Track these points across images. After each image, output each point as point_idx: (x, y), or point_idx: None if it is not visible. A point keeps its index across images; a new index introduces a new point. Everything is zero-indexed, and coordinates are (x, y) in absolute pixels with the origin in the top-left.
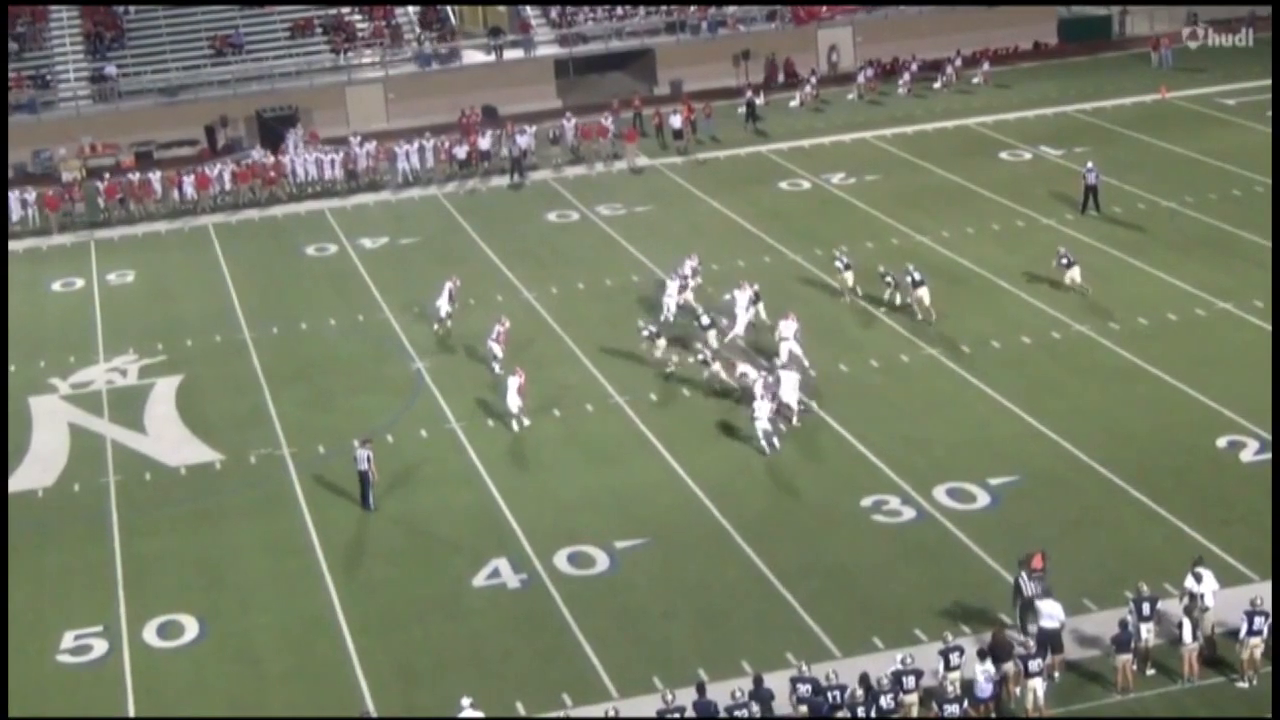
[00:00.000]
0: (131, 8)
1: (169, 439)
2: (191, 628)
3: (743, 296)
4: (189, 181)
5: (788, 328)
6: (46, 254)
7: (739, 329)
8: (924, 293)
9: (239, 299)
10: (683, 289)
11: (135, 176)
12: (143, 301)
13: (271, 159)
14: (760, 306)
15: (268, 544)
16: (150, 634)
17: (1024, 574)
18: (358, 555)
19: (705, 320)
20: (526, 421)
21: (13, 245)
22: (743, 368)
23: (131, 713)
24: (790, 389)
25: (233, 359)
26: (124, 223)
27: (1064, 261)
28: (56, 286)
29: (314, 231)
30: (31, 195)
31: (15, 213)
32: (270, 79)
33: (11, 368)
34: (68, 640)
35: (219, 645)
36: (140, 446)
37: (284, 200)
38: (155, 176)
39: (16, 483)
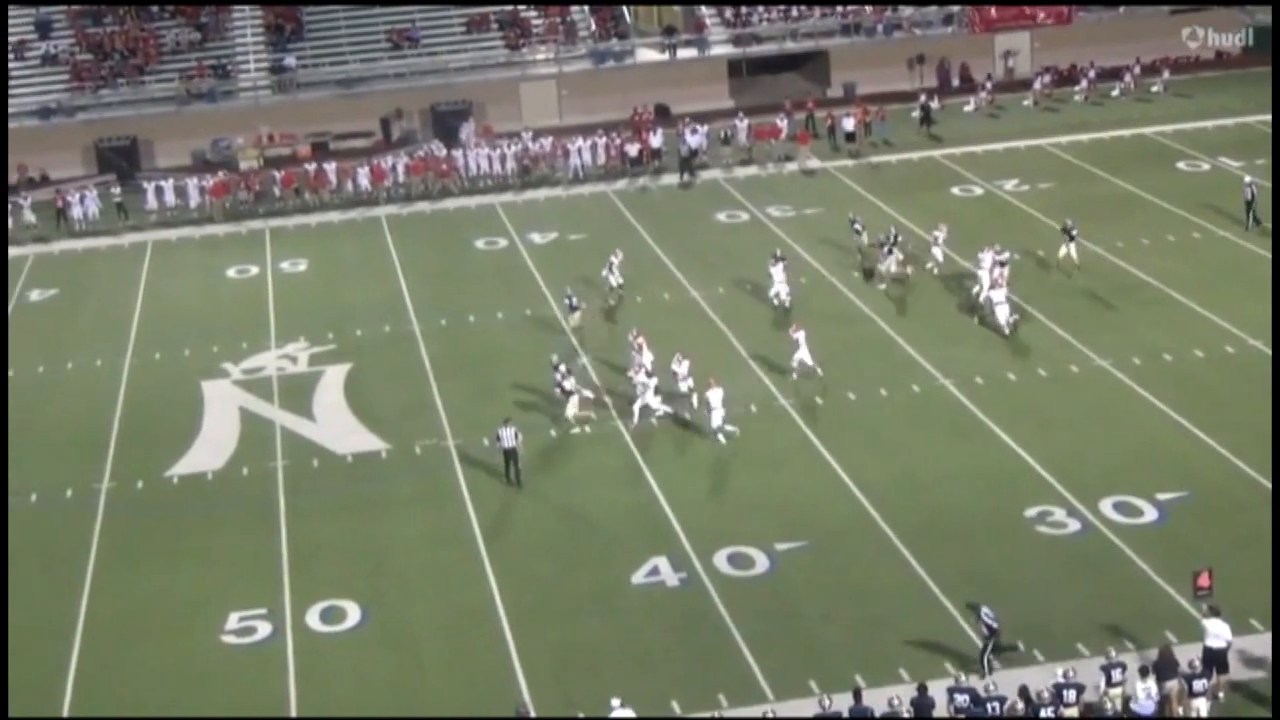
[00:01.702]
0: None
1: (337, 427)
2: (353, 614)
3: (987, 259)
4: (363, 173)
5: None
6: (223, 241)
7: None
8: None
9: (409, 290)
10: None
11: (311, 166)
12: (314, 290)
13: (444, 152)
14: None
15: (430, 534)
16: (313, 618)
17: (986, 610)
18: (518, 548)
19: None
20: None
21: (190, 231)
22: (642, 363)
23: (293, 696)
24: (803, 349)
25: (401, 349)
26: (299, 212)
27: (1072, 234)
28: (231, 273)
29: (484, 225)
30: (209, 183)
31: (193, 199)
32: (445, 73)
33: (185, 351)
34: (232, 621)
35: (379, 632)
36: (309, 433)
37: (456, 193)
38: (330, 167)
39: (187, 465)
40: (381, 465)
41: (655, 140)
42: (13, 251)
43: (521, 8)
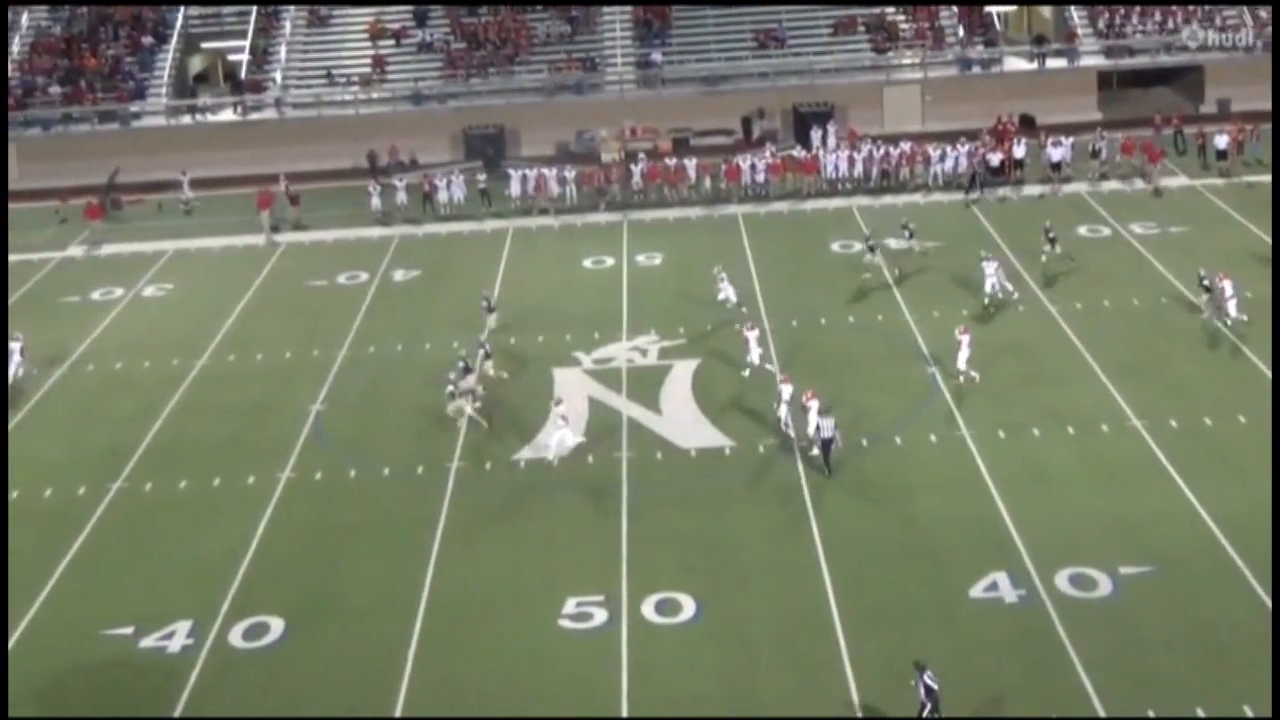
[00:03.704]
0: None
1: (682, 421)
2: (688, 607)
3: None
4: (723, 170)
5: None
6: (580, 231)
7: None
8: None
9: (761, 289)
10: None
11: (672, 162)
12: (667, 284)
13: (804, 153)
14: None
15: (769, 532)
16: (648, 608)
17: (929, 672)
18: (856, 552)
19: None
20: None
21: (549, 220)
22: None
23: (624, 685)
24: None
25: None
26: (657, 205)
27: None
28: (588, 263)
29: (840, 228)
30: (571, 173)
31: (554, 189)
32: (809, 74)
33: (539, 338)
34: (570, 606)
35: (713, 627)
36: (654, 425)
37: (814, 195)
38: (690, 163)
39: (535, 449)
40: (725, 462)
41: (1019, 150)
42: (380, 232)
43: (890, 11)
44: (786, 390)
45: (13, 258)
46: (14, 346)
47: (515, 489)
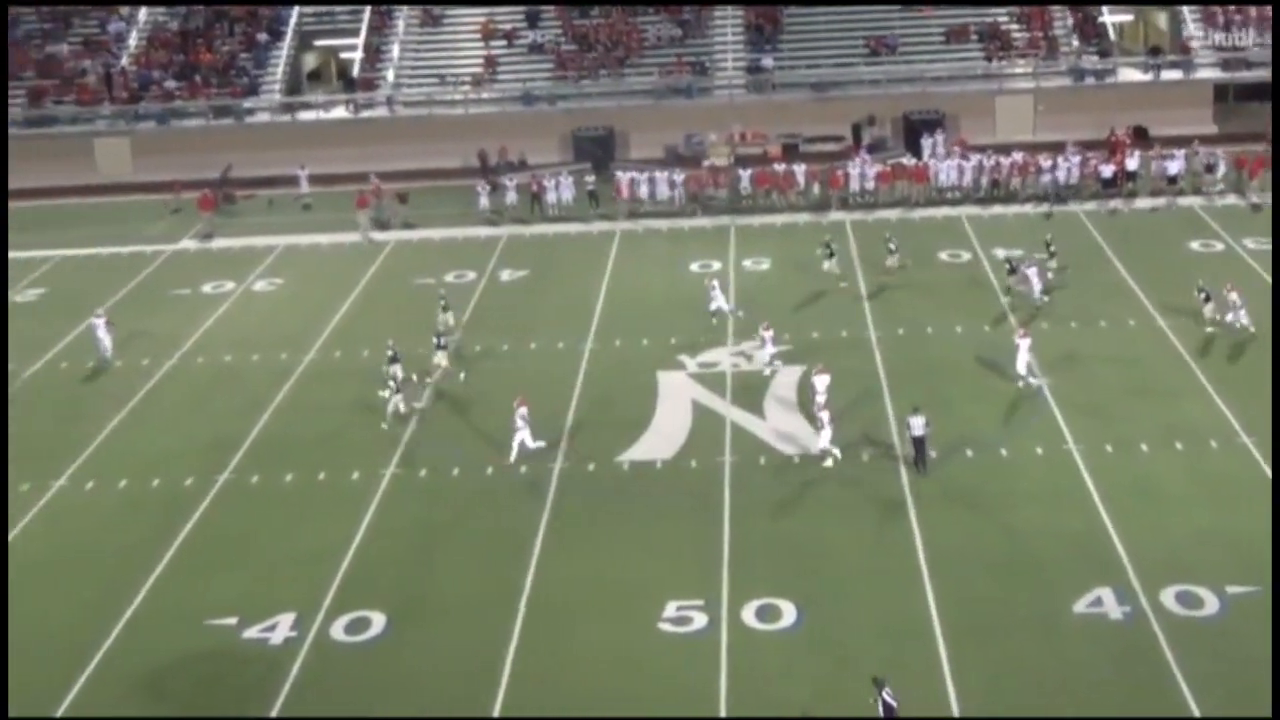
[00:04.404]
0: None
1: (786, 427)
2: (789, 614)
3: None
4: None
5: None
6: (688, 234)
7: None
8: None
9: (867, 296)
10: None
11: (780, 167)
12: (774, 289)
13: (914, 162)
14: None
15: (871, 540)
16: (749, 614)
17: (888, 690)
18: (959, 563)
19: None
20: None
21: (657, 223)
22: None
23: (723, 690)
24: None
25: (855, 355)
26: (765, 211)
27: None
28: (695, 267)
29: (949, 237)
30: (680, 177)
31: (662, 192)
32: (920, 82)
33: (644, 341)
34: (670, 610)
35: (813, 634)
36: (758, 431)
37: (923, 204)
38: (799, 169)
39: (638, 452)
40: (827, 468)
41: (1132, 163)
42: (488, 232)
43: (1002, 20)
44: (821, 382)
45: (125, 249)
46: (97, 322)
47: (618, 491)
